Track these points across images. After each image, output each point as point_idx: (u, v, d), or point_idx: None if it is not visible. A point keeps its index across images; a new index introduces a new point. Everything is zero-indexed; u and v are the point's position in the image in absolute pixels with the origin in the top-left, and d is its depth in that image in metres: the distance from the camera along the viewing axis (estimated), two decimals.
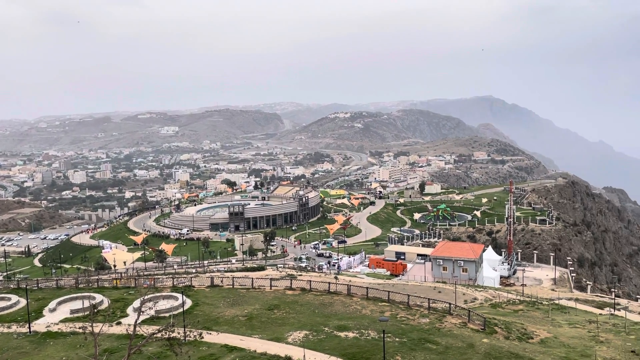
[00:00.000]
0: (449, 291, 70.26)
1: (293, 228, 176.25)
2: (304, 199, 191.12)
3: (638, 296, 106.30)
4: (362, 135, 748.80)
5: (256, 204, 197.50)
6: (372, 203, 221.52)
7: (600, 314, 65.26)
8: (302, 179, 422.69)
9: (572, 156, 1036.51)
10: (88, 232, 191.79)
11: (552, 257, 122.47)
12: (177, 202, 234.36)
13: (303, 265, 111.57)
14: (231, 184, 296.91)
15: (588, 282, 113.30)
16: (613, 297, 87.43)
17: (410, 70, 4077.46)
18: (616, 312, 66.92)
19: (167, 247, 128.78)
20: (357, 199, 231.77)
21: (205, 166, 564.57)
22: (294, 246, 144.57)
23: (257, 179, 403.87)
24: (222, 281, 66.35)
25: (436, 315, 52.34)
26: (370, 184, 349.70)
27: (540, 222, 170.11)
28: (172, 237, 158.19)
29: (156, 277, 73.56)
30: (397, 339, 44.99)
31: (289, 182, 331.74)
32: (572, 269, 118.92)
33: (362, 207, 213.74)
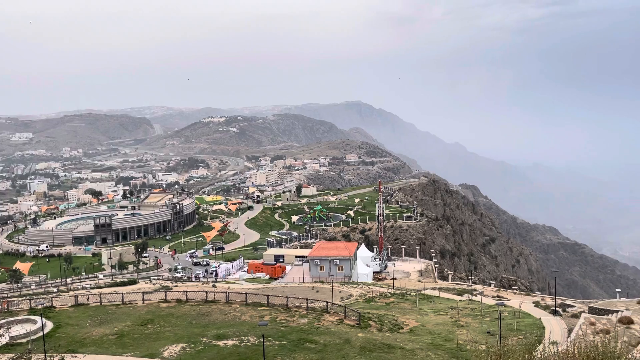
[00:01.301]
0: (327, 290, 72.34)
1: (167, 237, 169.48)
2: (178, 207, 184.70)
3: (491, 282, 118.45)
4: (238, 139, 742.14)
5: (125, 214, 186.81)
6: (250, 208, 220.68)
7: (460, 301, 71.55)
8: (176, 186, 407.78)
9: (432, 156, 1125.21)
10: None
11: (417, 251, 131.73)
12: (33, 216, 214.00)
13: (179, 275, 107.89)
14: (96, 194, 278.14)
15: (449, 272, 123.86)
16: (470, 284, 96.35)
17: (284, 74, 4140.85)
18: (473, 298, 73.81)
19: (22, 266, 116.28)
20: (235, 204, 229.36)
21: (65, 175, 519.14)
22: (171, 256, 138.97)
23: (126, 187, 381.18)
24: (88, 299, 61.71)
25: (314, 315, 53.58)
26: (248, 189, 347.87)
27: (407, 218, 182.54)
28: (28, 254, 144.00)
29: (10, 300, 66.30)
30: (277, 342, 45.26)
31: (161, 189, 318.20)
32: (436, 260, 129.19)
33: (239, 212, 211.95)
